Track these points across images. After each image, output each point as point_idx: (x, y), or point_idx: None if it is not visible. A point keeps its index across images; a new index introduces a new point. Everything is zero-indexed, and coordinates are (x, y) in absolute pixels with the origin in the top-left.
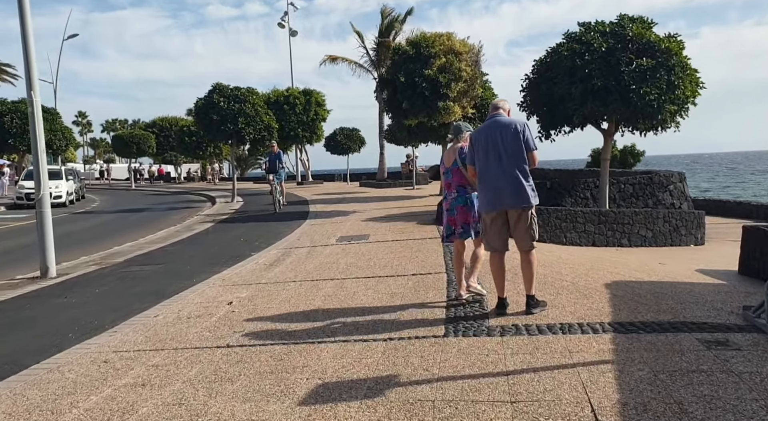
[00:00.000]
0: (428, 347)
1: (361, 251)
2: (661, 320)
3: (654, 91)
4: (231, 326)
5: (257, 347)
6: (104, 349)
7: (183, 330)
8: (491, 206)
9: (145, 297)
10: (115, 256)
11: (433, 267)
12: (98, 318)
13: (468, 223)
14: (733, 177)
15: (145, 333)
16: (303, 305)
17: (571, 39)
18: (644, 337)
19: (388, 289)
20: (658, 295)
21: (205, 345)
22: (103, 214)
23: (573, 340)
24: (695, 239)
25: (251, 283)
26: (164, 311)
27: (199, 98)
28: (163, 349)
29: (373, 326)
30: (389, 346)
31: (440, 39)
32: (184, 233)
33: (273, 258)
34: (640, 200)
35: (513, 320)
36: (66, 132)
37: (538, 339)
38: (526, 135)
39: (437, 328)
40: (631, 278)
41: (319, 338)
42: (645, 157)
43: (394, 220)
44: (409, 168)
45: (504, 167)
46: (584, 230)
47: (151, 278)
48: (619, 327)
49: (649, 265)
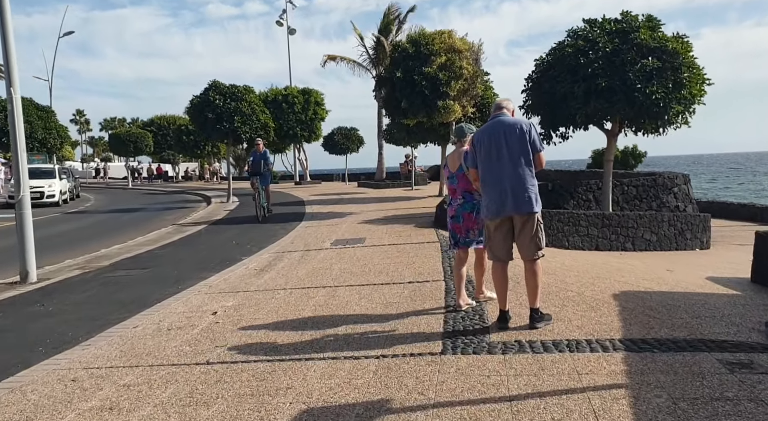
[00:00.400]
0: (424, 366)
1: (356, 256)
2: (676, 336)
3: (660, 90)
4: (213, 339)
5: (239, 364)
6: (74, 365)
7: (162, 344)
8: (495, 212)
9: (127, 305)
10: (101, 259)
11: (430, 274)
12: (74, 329)
13: (470, 229)
14: (735, 178)
15: (120, 347)
16: (292, 315)
17: (575, 37)
18: (659, 357)
19: (382, 298)
20: (670, 307)
21: (183, 362)
22: (96, 214)
23: (582, 359)
24: (701, 243)
25: (239, 290)
26: (144, 322)
27: (195, 96)
28: (138, 365)
29: (366, 340)
30: (382, 364)
31: (441, 37)
32: (176, 234)
33: (264, 263)
34: (644, 203)
35: (516, 335)
36: (61, 130)
37: (543, 358)
38: (533, 135)
39: (434, 344)
40: (640, 287)
41: (307, 354)
42: (645, 158)
43: (392, 222)
44: (408, 168)
45: (508, 170)
46: (587, 234)
47: (136, 283)
48: (631, 345)
49: (657, 272)
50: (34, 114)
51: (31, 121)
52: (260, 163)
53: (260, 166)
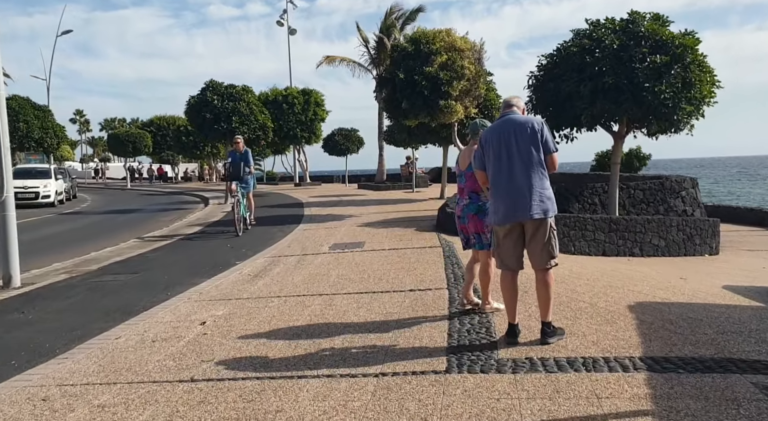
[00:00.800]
0: (427, 386)
1: (355, 261)
2: (702, 355)
3: (669, 89)
4: (199, 352)
5: (226, 382)
6: (48, 381)
7: (144, 357)
8: (505, 218)
9: (111, 314)
10: (90, 262)
11: (433, 281)
12: (52, 340)
13: (480, 233)
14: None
15: (99, 361)
16: (285, 326)
17: (580, 35)
18: (686, 379)
19: (382, 307)
20: (692, 321)
21: (165, 379)
22: (91, 215)
23: (600, 380)
24: (710, 248)
25: (230, 298)
26: (127, 332)
27: (192, 96)
28: (116, 383)
29: (364, 355)
30: (381, 384)
31: (440, 35)
32: (169, 238)
33: (259, 268)
34: (651, 207)
35: (526, 351)
36: (58, 130)
37: (558, 378)
38: (545, 135)
39: (438, 360)
40: (656, 298)
41: (300, 371)
42: (649, 161)
43: (392, 225)
44: (408, 170)
45: (519, 172)
46: (594, 239)
47: (123, 289)
48: (654, 364)
49: (670, 280)
50: (30, 113)
51: (27, 121)
52: (240, 165)
53: (240, 169)
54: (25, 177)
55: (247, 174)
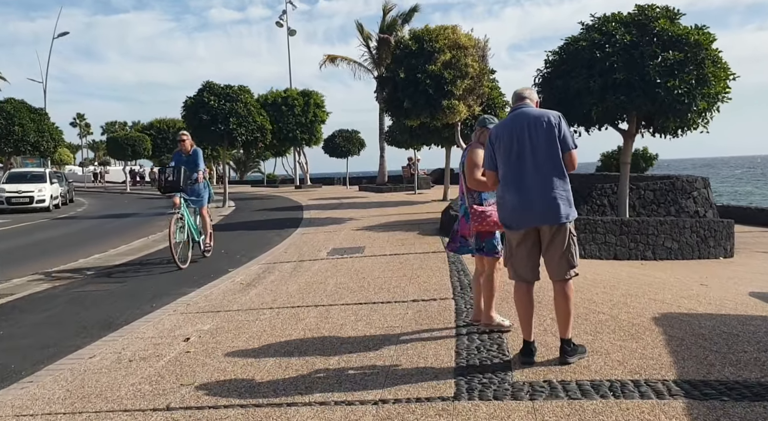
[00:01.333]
0: (433, 416)
1: (354, 268)
2: (747, 378)
3: (683, 85)
4: (180, 374)
5: (205, 410)
6: (5, 411)
7: (117, 381)
8: (519, 223)
9: (89, 328)
10: (77, 271)
11: (437, 291)
12: (21, 359)
13: (466, 236)
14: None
15: (68, 385)
16: (276, 342)
17: (589, 30)
18: (732, 408)
19: (382, 320)
20: (727, 336)
21: (138, 406)
22: (86, 219)
23: (632, 409)
24: (724, 251)
25: (219, 310)
26: (104, 350)
27: (189, 97)
28: (82, 412)
29: (362, 378)
30: (381, 413)
31: (444, 32)
32: (162, 243)
33: (252, 276)
34: (662, 208)
35: (544, 372)
36: (54, 133)
37: (582, 406)
38: (563, 130)
39: (445, 384)
40: (682, 308)
41: (290, 397)
42: (656, 161)
43: (394, 229)
44: (410, 171)
45: (534, 172)
46: (605, 242)
47: (106, 300)
48: (691, 389)
49: (691, 287)
50: (26, 116)
51: (23, 124)
52: (181, 169)
53: (182, 176)
54: (19, 181)
55: (194, 182)
